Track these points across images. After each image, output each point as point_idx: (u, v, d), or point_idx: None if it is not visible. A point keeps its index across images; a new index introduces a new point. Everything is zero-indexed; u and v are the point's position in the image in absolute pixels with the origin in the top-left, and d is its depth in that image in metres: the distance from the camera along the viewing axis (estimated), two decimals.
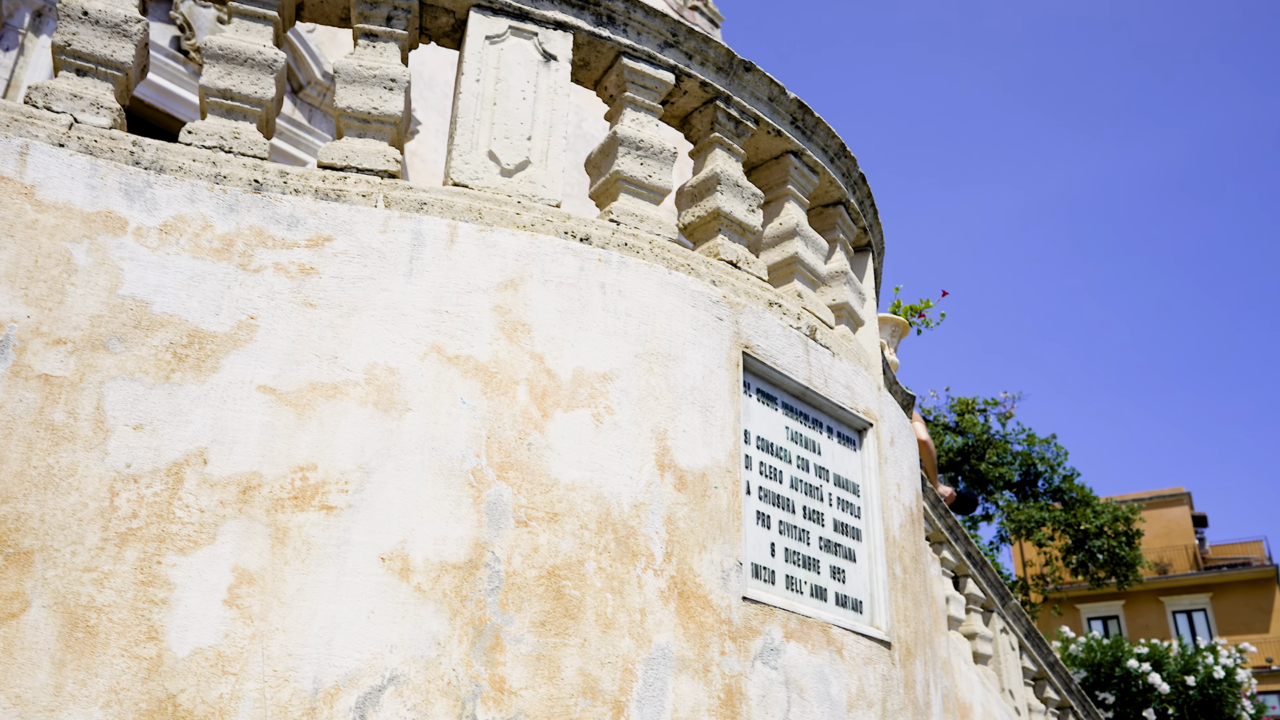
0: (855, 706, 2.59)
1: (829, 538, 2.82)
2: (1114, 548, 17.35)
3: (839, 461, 2.97)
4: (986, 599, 6.21)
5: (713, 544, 2.42)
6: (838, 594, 2.77)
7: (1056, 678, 6.63)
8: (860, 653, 2.68)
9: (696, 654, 2.27)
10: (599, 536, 2.25)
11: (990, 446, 18.05)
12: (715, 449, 2.53)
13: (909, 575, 3.07)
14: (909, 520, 3.20)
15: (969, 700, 5.37)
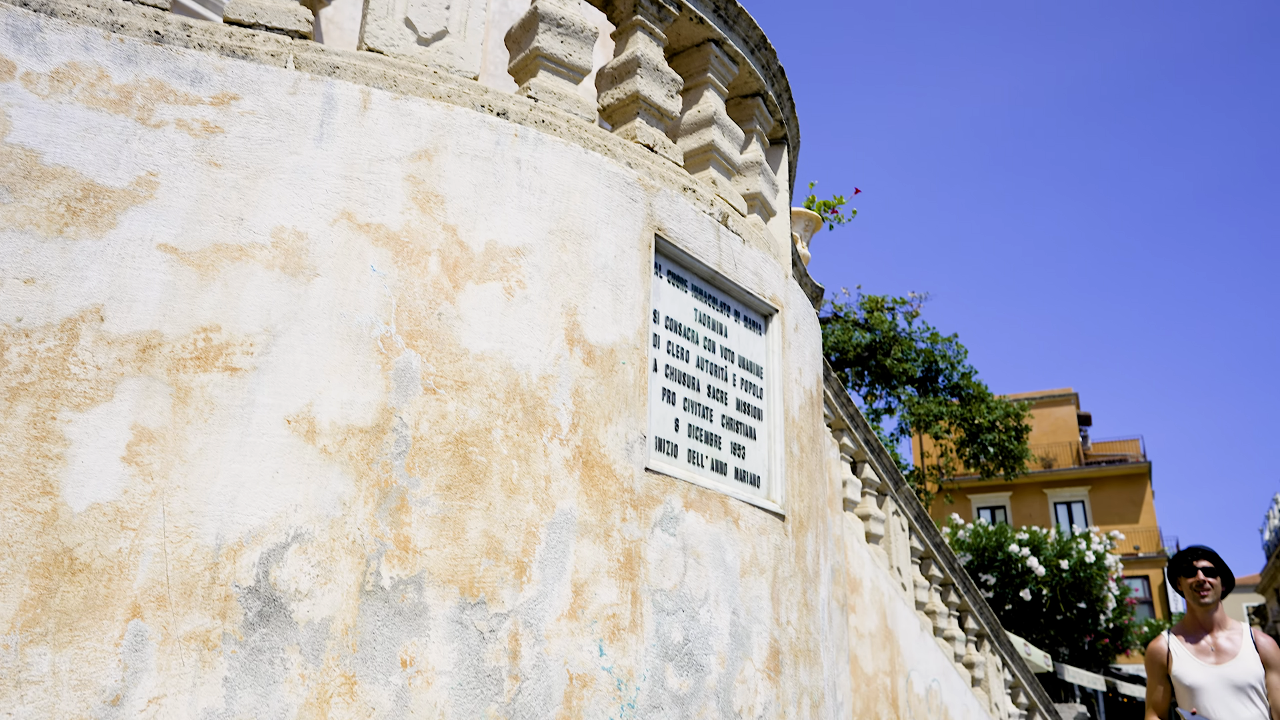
0: (748, 572, 2.74)
1: (731, 416, 2.92)
2: (1004, 442, 18.22)
3: (744, 344, 3.06)
4: (881, 483, 6.51)
5: (618, 417, 2.49)
6: (737, 469, 2.89)
7: (941, 557, 7.04)
8: (755, 523, 2.82)
9: (599, 520, 2.37)
10: (507, 406, 2.30)
11: (896, 343, 18.59)
12: (624, 326, 2.58)
13: (806, 454, 3.21)
14: (808, 403, 3.33)
15: (859, 575, 5.69)
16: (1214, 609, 3.89)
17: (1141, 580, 36.85)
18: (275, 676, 1.93)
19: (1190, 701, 3.75)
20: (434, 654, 2.04)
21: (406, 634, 2.04)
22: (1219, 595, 3.93)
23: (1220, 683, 3.69)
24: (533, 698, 2.14)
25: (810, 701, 2.92)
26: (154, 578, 1.92)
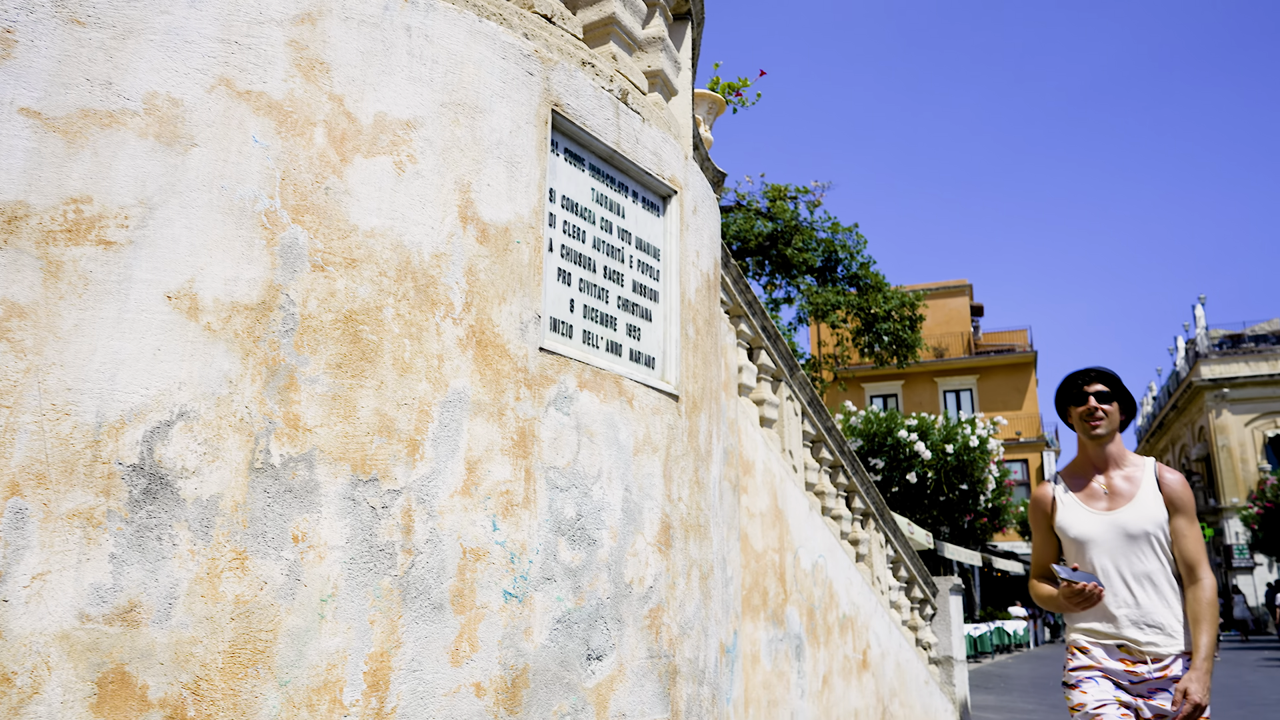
0: (641, 451, 2.80)
1: (627, 297, 2.94)
2: (898, 332, 18.78)
3: (642, 225, 3.06)
4: (777, 369, 6.68)
5: (513, 296, 2.48)
6: (632, 350, 2.92)
7: (832, 441, 7.31)
8: (649, 404, 2.88)
9: (492, 399, 2.38)
10: (398, 284, 2.26)
11: (797, 233, 18.80)
12: (519, 204, 2.55)
13: (701, 337, 3.26)
14: (705, 286, 3.37)
15: (752, 458, 5.87)
16: (1109, 442, 3.15)
17: (1021, 464, 39.00)
18: (164, 553, 1.92)
19: (1077, 557, 3.11)
20: (326, 529, 2.06)
21: (298, 510, 2.04)
22: (1116, 426, 3.18)
23: (1112, 532, 3.03)
24: (426, 571, 2.18)
25: (700, 573, 3.05)
26: (32, 455, 1.87)
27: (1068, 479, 3.25)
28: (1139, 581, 3.02)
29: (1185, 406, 42.19)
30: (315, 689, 1.99)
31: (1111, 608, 3.02)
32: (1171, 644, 2.96)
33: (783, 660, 5.81)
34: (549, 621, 2.41)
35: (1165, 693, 2.94)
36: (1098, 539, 3.06)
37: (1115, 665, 3.01)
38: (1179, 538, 3.01)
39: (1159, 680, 2.96)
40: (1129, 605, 3.01)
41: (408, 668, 2.11)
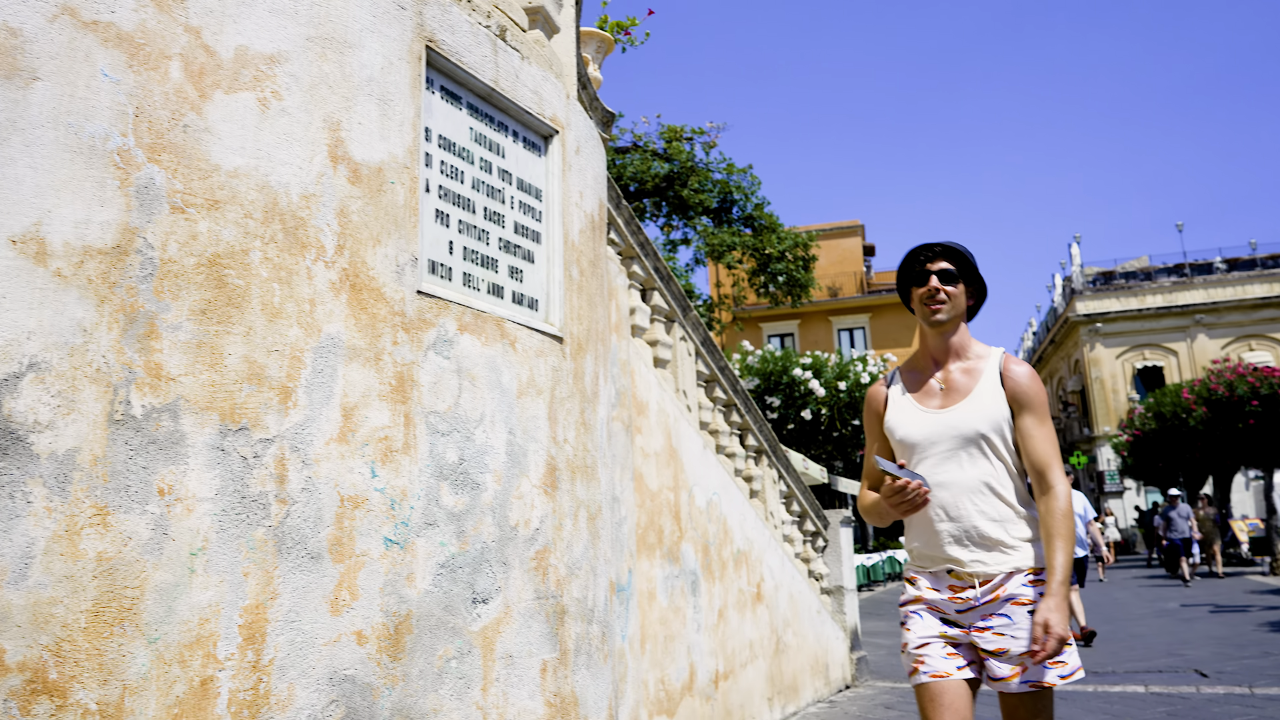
0: (525, 394, 2.79)
1: (509, 239, 2.90)
2: (792, 272, 19.10)
3: (523, 166, 3.01)
4: (670, 310, 6.71)
5: (388, 239, 2.42)
6: (515, 292, 2.89)
7: (725, 380, 7.41)
8: (533, 346, 2.86)
9: (368, 343, 2.33)
10: (265, 226, 2.18)
11: (693, 174, 18.84)
12: (393, 144, 2.47)
13: (586, 278, 3.25)
14: (590, 227, 3.34)
15: (646, 398, 5.92)
16: (952, 331, 2.70)
17: None
18: (17, 511, 1.83)
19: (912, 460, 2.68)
20: (194, 481, 1.99)
21: (163, 463, 1.97)
22: (961, 311, 2.71)
23: (943, 433, 2.59)
24: (302, 520, 2.14)
25: (588, 514, 3.07)
26: None
27: (905, 375, 2.81)
28: (969, 492, 2.56)
29: (1062, 341, 44.18)
30: (187, 645, 1.94)
31: (936, 524, 2.60)
32: (1002, 561, 2.54)
33: (679, 596, 5.93)
34: (432, 567, 2.40)
35: (1001, 617, 2.52)
36: (927, 442, 2.62)
37: (940, 596, 2.60)
38: (1026, 438, 2.56)
39: (988, 604, 2.54)
40: (954, 520, 2.57)
41: (285, 619, 2.08)
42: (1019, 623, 2.51)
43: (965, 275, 2.71)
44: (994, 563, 2.55)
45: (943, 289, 2.66)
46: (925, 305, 2.69)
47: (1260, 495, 26.66)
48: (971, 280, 2.75)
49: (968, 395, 2.63)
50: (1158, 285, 40.34)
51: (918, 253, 2.72)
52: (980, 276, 2.77)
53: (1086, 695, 7.13)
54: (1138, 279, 41.50)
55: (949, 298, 2.66)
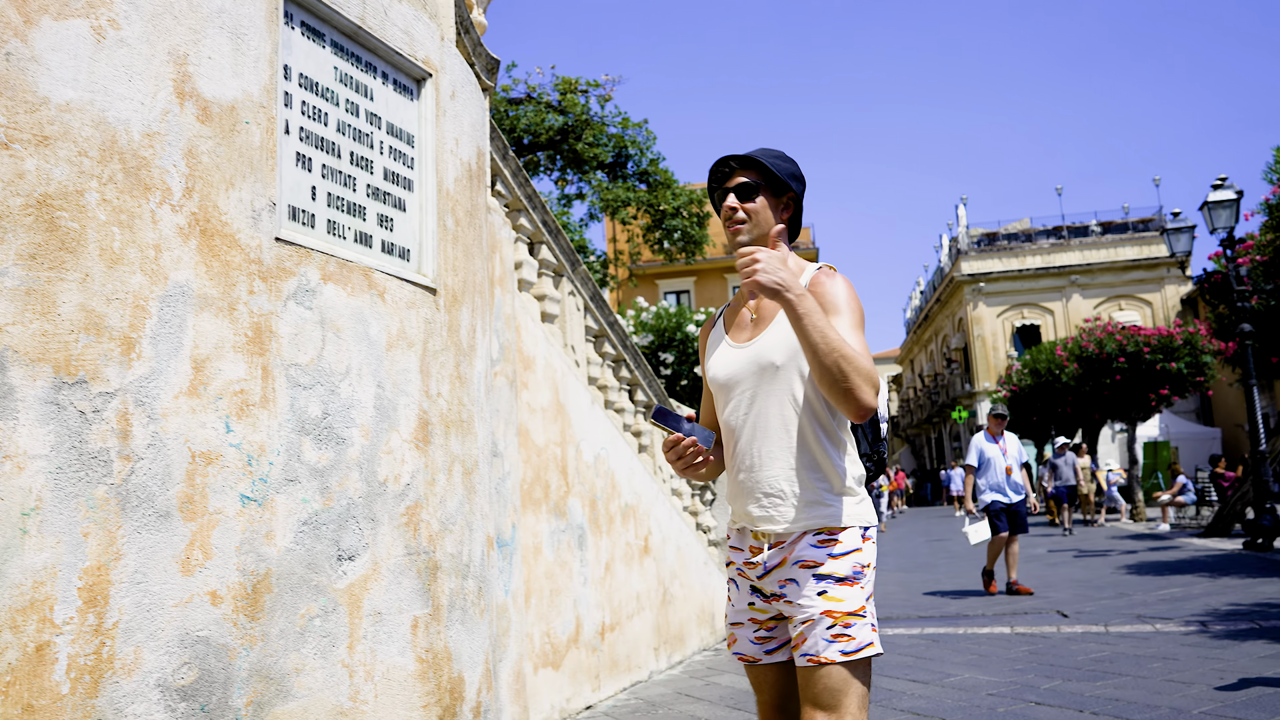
0: (395, 346, 2.71)
1: (378, 186, 2.79)
2: (687, 228, 19.14)
3: (393, 110, 2.89)
4: (558, 264, 6.64)
5: (242, 182, 2.29)
6: (385, 241, 2.79)
7: (615, 335, 7.40)
8: (404, 297, 2.77)
9: (221, 292, 2.21)
10: (103, 166, 2.03)
11: (588, 128, 18.63)
12: (248, 81, 2.34)
13: (462, 228, 3.16)
14: (466, 176, 3.25)
15: (533, 353, 5.86)
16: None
17: None
18: None
19: (720, 408, 2.33)
20: (25, 438, 1.87)
21: None
22: (768, 228, 2.31)
23: (746, 370, 2.24)
24: (148, 478, 2.03)
25: (463, 469, 3.02)
26: None
27: (728, 309, 2.47)
28: (765, 436, 2.21)
29: (947, 299, 45.64)
30: (20, 609, 1.83)
31: (735, 475, 2.28)
32: (793, 519, 2.18)
33: (565, 550, 5.94)
34: (294, 524, 2.31)
35: (790, 584, 2.17)
36: (732, 381, 2.27)
37: (742, 559, 2.30)
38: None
39: (777, 569, 2.20)
40: (748, 470, 2.23)
41: (130, 580, 1.98)
42: (803, 589, 2.14)
43: (772, 186, 2.31)
44: (783, 520, 2.19)
45: (741, 207, 2.29)
46: (727, 228, 2.33)
47: (1124, 447, 28.22)
48: (782, 190, 2.32)
49: (773, 322, 2.24)
50: (1037, 247, 41.94)
51: (715, 168, 2.33)
52: (791, 181, 2.31)
53: (956, 637, 7.46)
54: (1019, 240, 43.05)
55: (749, 216, 2.28)
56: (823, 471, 2.19)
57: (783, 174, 2.30)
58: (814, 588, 2.13)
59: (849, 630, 2.10)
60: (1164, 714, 4.61)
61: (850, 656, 2.08)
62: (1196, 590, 9.34)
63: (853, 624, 2.11)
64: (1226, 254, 14.25)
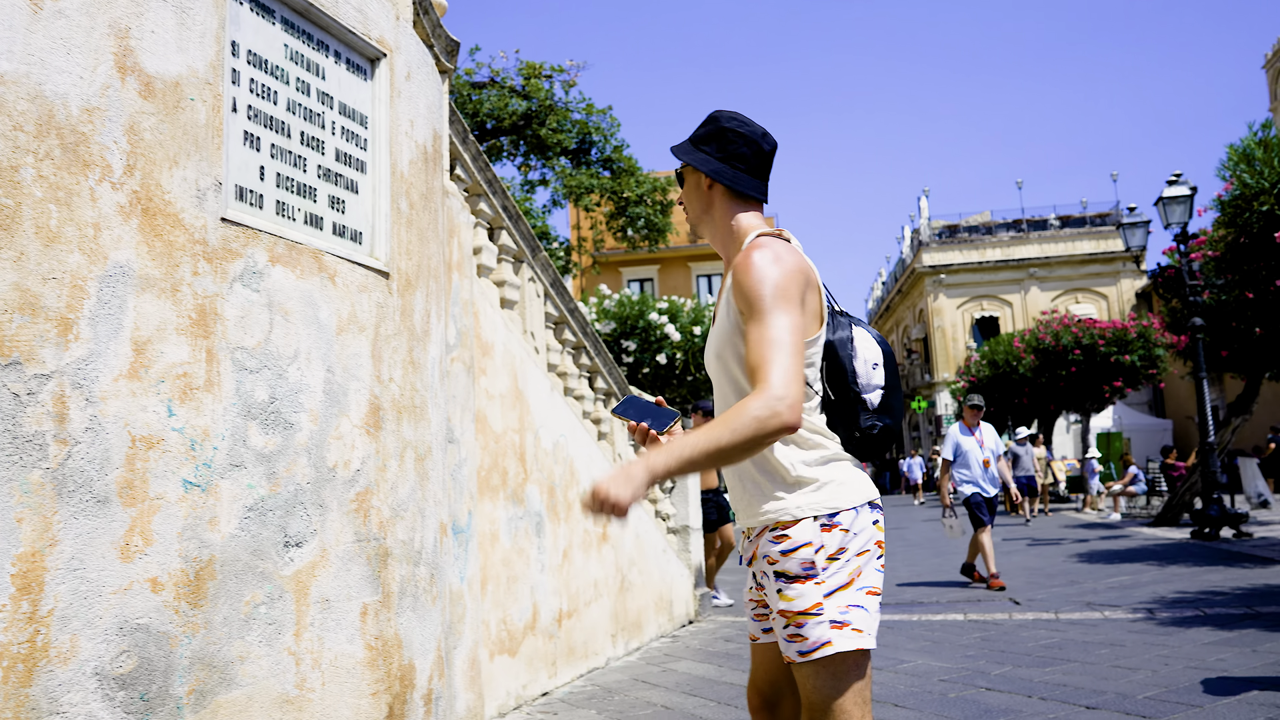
0: (346, 330, 2.67)
1: (330, 167, 2.75)
2: (650, 216, 19.11)
3: (346, 90, 2.84)
4: (518, 250, 6.59)
5: (187, 160, 2.24)
6: (336, 223, 2.75)
7: (575, 322, 7.37)
8: (356, 281, 2.73)
9: (164, 273, 2.16)
10: (39, 140, 1.98)
11: (552, 113, 18.52)
12: (193, 57, 2.28)
13: (416, 211, 3.12)
14: (421, 158, 3.21)
15: (491, 339, 5.82)
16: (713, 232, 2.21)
17: None
18: None
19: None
20: None
21: None
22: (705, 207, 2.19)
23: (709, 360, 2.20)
24: (86, 461, 1.98)
25: (415, 455, 2.99)
26: None
27: None
28: None
29: (909, 290, 46.06)
30: None
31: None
32: (756, 512, 2.12)
33: (523, 537, 5.92)
34: (239, 510, 2.28)
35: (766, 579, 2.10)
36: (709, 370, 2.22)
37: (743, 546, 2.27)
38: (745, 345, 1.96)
39: (754, 559, 2.16)
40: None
41: (67, 567, 1.93)
42: (768, 586, 2.10)
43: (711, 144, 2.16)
44: (749, 514, 2.15)
45: (681, 194, 2.26)
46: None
47: (1078, 438, 28.69)
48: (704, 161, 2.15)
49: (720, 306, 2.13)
50: (997, 239, 42.43)
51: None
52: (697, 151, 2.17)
53: (911, 624, 7.54)
54: (979, 233, 43.52)
55: (684, 202, 2.24)
56: (769, 464, 2.08)
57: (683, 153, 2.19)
58: (773, 585, 2.07)
59: (801, 630, 2.02)
60: (1109, 699, 4.69)
61: (807, 658, 2.00)
62: (1145, 578, 9.53)
63: (804, 624, 2.02)
64: (1180, 249, 14.50)
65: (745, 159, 2.14)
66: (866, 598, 2.03)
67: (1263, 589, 8.33)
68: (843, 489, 2.07)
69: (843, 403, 2.12)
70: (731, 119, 2.16)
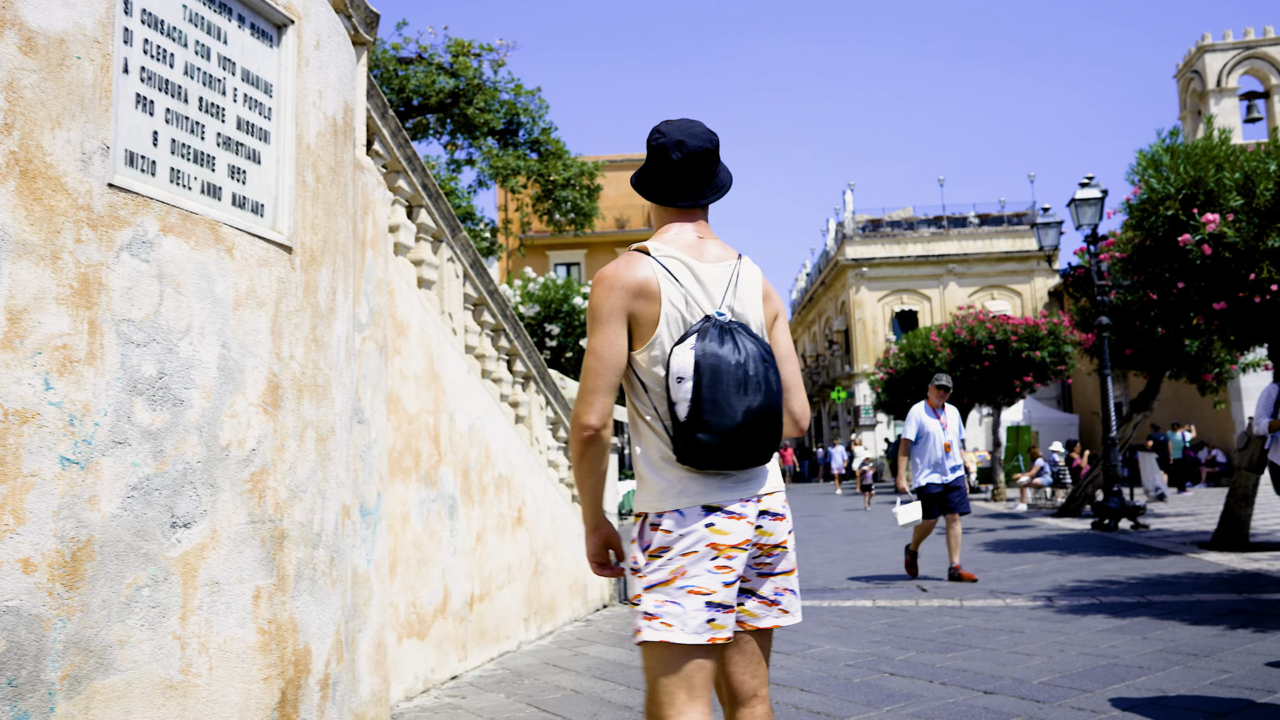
0: (243, 305, 2.58)
1: (230, 135, 2.65)
2: (577, 200, 19.01)
3: (250, 56, 2.74)
4: (438, 229, 6.49)
5: (71, 122, 2.13)
6: (236, 194, 2.65)
7: (495, 304, 7.29)
8: (255, 254, 2.64)
9: (44, 239, 2.06)
10: None
11: (480, 93, 18.27)
12: (80, 13, 2.17)
13: (324, 185, 3.03)
14: (331, 131, 3.12)
15: (407, 319, 5.72)
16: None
17: None
18: None
19: None
20: None
21: None
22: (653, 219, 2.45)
23: None
24: None
25: (317, 435, 2.91)
26: None
27: None
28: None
29: (832, 282, 46.73)
30: None
31: None
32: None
33: (435, 520, 5.85)
34: (121, 489, 2.18)
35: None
36: None
37: None
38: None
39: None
40: None
41: None
42: None
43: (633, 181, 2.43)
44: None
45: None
46: None
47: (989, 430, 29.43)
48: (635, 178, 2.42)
49: None
50: (919, 235, 43.28)
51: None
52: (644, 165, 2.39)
53: (822, 610, 7.67)
54: (902, 228, 44.33)
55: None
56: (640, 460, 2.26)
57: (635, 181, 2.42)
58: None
59: (632, 617, 2.19)
60: (1006, 685, 4.83)
61: (635, 641, 2.16)
62: (1046, 567, 9.84)
63: (635, 611, 2.18)
64: (1090, 250, 14.97)
65: (657, 170, 2.33)
66: (687, 596, 2.10)
67: (1155, 578, 8.67)
68: (668, 493, 2.17)
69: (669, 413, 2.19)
70: (652, 133, 2.33)
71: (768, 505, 2.21)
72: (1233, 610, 6.84)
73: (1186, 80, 26.67)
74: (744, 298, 2.27)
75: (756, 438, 2.13)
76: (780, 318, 2.37)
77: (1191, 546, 11.15)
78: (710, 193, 2.33)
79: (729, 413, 2.09)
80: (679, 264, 2.23)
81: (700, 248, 2.28)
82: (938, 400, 9.19)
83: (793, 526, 2.30)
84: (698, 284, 2.22)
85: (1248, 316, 9.50)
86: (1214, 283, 9.29)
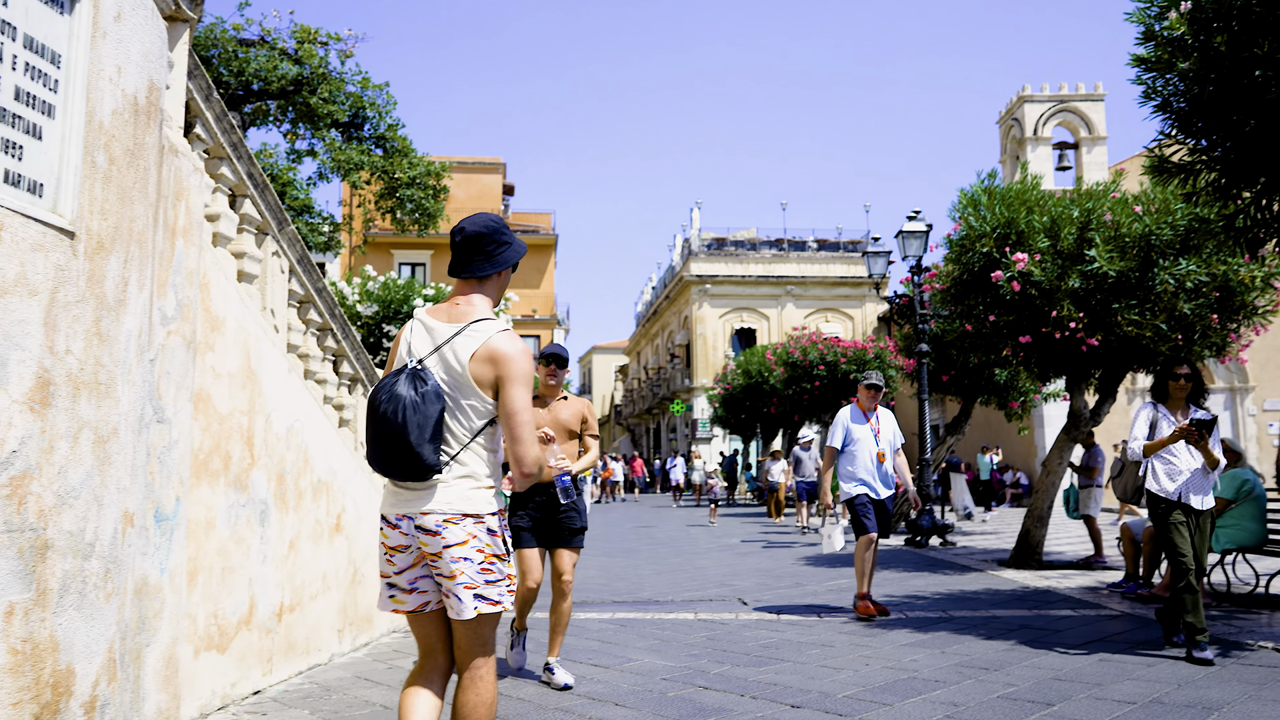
0: (11, 292, 2.36)
1: (7, 107, 2.42)
2: (422, 200, 18.60)
3: (35, 22, 2.52)
4: (263, 221, 6.19)
5: None
6: (10, 171, 2.42)
7: (322, 302, 7.02)
8: (29, 237, 2.42)
9: None
10: None
11: (325, 82, 17.65)
12: None
13: (118, 168, 2.82)
14: (131, 110, 2.90)
15: (223, 314, 5.41)
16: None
17: (534, 339, 41.39)
18: None
19: None
20: None
21: None
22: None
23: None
24: None
25: (95, 437, 2.70)
26: None
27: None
28: None
29: (676, 298, 47.51)
30: None
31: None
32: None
33: (244, 526, 5.55)
34: None
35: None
36: None
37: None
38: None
39: None
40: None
41: None
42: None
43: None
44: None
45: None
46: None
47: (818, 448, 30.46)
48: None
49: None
50: (760, 255, 44.58)
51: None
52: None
53: (644, 622, 7.72)
54: (745, 248, 45.54)
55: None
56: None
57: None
58: None
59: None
60: (813, 698, 4.98)
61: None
62: None
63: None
64: (914, 280, 15.76)
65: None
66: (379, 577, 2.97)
67: (957, 594, 9.16)
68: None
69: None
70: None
71: (422, 523, 2.70)
72: (1023, 626, 7.29)
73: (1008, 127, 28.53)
74: (448, 353, 2.78)
75: (380, 456, 2.70)
76: (508, 381, 2.74)
77: (992, 564, 11.85)
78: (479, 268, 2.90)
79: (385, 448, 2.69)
80: (419, 323, 2.91)
81: (447, 310, 2.87)
82: (869, 402, 7.98)
83: (453, 543, 2.70)
84: (426, 337, 2.84)
85: (1050, 350, 10.20)
86: (1021, 317, 9.93)
